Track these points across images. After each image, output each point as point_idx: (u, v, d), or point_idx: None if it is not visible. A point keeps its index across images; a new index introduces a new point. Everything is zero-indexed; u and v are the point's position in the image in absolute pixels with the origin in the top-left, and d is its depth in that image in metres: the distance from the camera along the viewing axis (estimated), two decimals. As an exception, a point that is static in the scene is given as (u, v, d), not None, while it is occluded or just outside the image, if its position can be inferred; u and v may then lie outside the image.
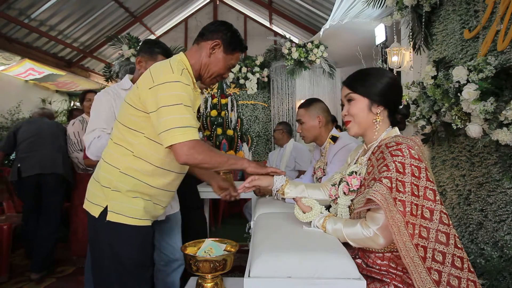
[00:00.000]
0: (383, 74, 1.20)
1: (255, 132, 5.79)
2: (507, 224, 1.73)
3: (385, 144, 1.12)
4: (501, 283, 1.58)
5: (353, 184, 1.16)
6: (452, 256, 0.99)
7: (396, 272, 1.07)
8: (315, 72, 5.20)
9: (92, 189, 1.30)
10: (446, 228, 1.01)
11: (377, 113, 1.18)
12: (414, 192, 1.01)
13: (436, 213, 1.01)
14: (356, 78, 1.23)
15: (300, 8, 5.83)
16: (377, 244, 1.06)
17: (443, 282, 0.97)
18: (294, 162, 3.41)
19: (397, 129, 1.20)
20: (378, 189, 1.01)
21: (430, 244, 0.99)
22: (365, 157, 1.19)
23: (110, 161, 1.27)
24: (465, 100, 1.67)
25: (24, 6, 4.62)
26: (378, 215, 1.05)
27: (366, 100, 1.18)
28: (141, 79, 1.25)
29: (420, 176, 1.02)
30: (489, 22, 1.82)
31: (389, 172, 1.03)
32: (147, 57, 1.71)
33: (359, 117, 1.20)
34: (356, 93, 1.20)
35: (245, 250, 1.59)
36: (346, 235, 1.10)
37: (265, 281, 0.94)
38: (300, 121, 1.91)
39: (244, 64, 5.53)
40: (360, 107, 1.19)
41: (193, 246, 1.35)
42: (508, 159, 1.71)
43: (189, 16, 6.73)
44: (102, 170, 1.28)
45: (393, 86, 1.19)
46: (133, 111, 1.24)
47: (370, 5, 3.12)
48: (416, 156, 1.04)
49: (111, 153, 1.29)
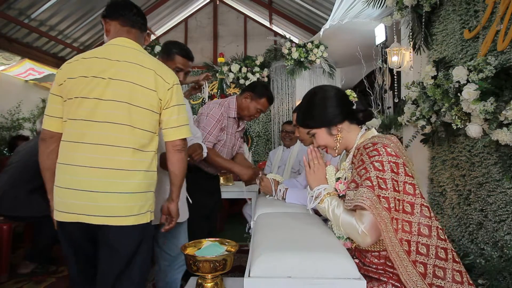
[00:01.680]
0: (324, 97, 1.24)
1: (255, 132, 5.79)
2: (507, 224, 1.73)
3: (363, 146, 1.16)
4: (501, 283, 1.58)
5: (341, 189, 1.20)
6: (436, 247, 1.01)
7: (393, 270, 1.07)
8: (315, 72, 5.19)
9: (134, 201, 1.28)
10: (428, 221, 1.03)
11: (338, 131, 1.23)
12: (395, 187, 1.03)
13: (416, 206, 1.04)
14: (304, 116, 1.28)
15: (300, 8, 5.83)
16: (364, 242, 1.07)
17: (429, 274, 0.99)
18: (299, 165, 3.38)
19: (374, 130, 1.25)
20: (362, 193, 1.03)
21: (413, 238, 1.01)
22: (347, 162, 1.23)
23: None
24: (465, 100, 1.67)
25: (24, 6, 4.62)
26: (364, 212, 1.06)
27: (324, 129, 1.24)
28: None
29: (399, 172, 1.05)
30: (489, 22, 1.82)
31: (368, 173, 1.06)
32: (165, 58, 1.76)
33: (329, 144, 1.26)
34: (313, 128, 1.26)
35: (245, 250, 1.60)
36: (341, 219, 1.11)
37: (265, 281, 0.94)
38: (296, 125, 1.91)
39: (244, 64, 5.53)
40: (323, 137, 1.25)
41: (193, 246, 1.35)
42: (508, 159, 1.71)
43: (189, 16, 6.72)
44: (138, 177, 1.28)
45: (338, 101, 1.23)
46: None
47: (370, 5, 3.12)
48: (392, 153, 1.07)
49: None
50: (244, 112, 2.17)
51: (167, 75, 1.33)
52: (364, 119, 1.27)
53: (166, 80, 1.31)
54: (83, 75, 1.26)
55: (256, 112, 2.17)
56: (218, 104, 2.15)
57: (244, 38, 6.54)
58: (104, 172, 1.22)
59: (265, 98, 2.15)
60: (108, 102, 1.24)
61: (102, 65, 1.27)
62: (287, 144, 3.54)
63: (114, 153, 1.23)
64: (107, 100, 1.24)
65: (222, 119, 2.11)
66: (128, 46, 1.34)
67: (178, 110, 1.35)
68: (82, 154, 1.23)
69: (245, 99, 2.16)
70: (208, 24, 6.64)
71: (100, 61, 1.27)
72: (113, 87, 1.25)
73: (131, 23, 1.39)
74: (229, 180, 3.12)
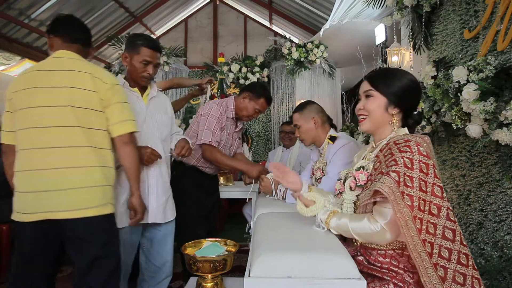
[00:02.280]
0: (406, 76, 1.19)
1: (255, 132, 5.79)
2: (507, 224, 1.73)
3: (393, 141, 1.12)
4: (501, 283, 1.58)
5: (361, 179, 1.16)
6: (458, 253, 1.00)
7: (397, 270, 1.07)
8: (315, 72, 5.19)
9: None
10: (453, 225, 1.01)
11: (393, 114, 1.18)
12: (422, 187, 1.01)
13: (443, 209, 1.02)
14: (379, 76, 1.22)
15: (300, 8, 5.82)
16: (383, 239, 1.06)
17: (449, 278, 0.97)
18: (299, 166, 3.37)
19: (406, 129, 1.20)
20: (385, 181, 1.02)
21: (436, 240, 0.99)
22: (373, 154, 1.19)
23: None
24: (465, 100, 1.67)
25: (24, 6, 4.61)
26: (385, 209, 1.04)
27: (385, 99, 1.18)
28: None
29: (428, 173, 1.03)
30: (489, 22, 1.82)
31: (397, 166, 1.03)
32: (132, 51, 1.69)
33: (374, 114, 1.19)
34: (376, 90, 1.19)
35: (245, 250, 1.59)
36: (352, 229, 1.09)
37: (265, 281, 0.94)
38: (296, 125, 1.91)
39: (244, 64, 5.52)
40: (378, 104, 1.18)
41: (193, 246, 1.35)
42: (508, 159, 1.71)
43: (189, 16, 6.72)
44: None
45: (414, 90, 1.19)
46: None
47: (370, 5, 3.12)
48: (424, 153, 1.05)
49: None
50: (242, 112, 2.16)
51: (105, 77, 1.44)
52: (410, 127, 1.23)
53: (104, 81, 1.42)
54: (26, 87, 1.37)
55: (255, 113, 2.17)
56: (217, 104, 2.15)
57: (244, 38, 6.54)
58: (62, 171, 1.33)
59: (263, 99, 2.15)
60: (52, 108, 1.35)
61: (42, 76, 1.39)
62: (287, 144, 3.53)
63: (69, 153, 1.34)
64: (51, 106, 1.35)
65: (222, 119, 2.11)
66: (66, 57, 1.46)
67: (121, 107, 1.46)
68: (38, 159, 1.33)
69: (243, 100, 2.15)
70: (208, 24, 6.64)
71: (41, 73, 1.40)
72: (54, 94, 1.36)
73: (73, 39, 1.50)
74: (229, 180, 3.11)
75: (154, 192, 1.70)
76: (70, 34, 1.49)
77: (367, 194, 1.10)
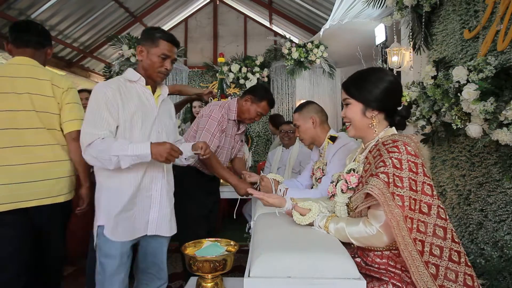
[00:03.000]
0: (381, 79, 1.19)
1: (255, 132, 5.79)
2: (507, 224, 1.73)
3: (382, 142, 1.13)
4: (501, 283, 1.58)
5: (352, 181, 1.18)
6: (450, 250, 1.00)
7: (395, 270, 1.07)
8: (315, 72, 5.19)
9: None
10: (444, 223, 1.02)
11: (372, 117, 1.19)
12: (412, 187, 1.02)
13: (433, 207, 1.02)
14: (352, 82, 1.24)
15: (300, 8, 5.82)
16: (381, 242, 1.07)
17: (440, 276, 0.98)
18: (299, 166, 3.37)
19: (394, 129, 1.22)
20: (375, 183, 1.02)
21: (427, 239, 1.00)
22: (363, 155, 1.21)
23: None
24: (465, 100, 1.67)
25: (24, 6, 4.61)
26: (379, 212, 1.05)
27: (361, 105, 1.20)
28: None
29: (418, 172, 1.04)
30: (489, 22, 1.82)
31: (386, 167, 1.04)
32: (149, 45, 1.54)
33: (354, 121, 1.22)
34: (352, 97, 1.22)
35: (245, 250, 1.59)
36: (349, 233, 1.10)
37: (265, 281, 0.94)
38: (296, 125, 1.92)
39: (244, 64, 5.52)
40: (355, 111, 1.21)
41: (193, 246, 1.35)
42: (508, 159, 1.71)
43: (189, 16, 6.72)
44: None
45: (391, 91, 1.19)
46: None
47: (370, 5, 3.12)
48: (412, 152, 1.06)
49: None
50: (244, 115, 2.16)
51: (61, 82, 1.66)
52: (398, 124, 1.24)
53: (59, 86, 1.64)
54: None
55: (257, 115, 2.16)
56: (219, 106, 2.13)
57: (244, 38, 6.54)
58: (35, 166, 1.57)
59: (266, 101, 2.14)
60: (21, 112, 1.56)
61: (6, 82, 1.56)
62: (286, 144, 3.53)
63: (40, 151, 1.59)
64: (19, 110, 1.55)
65: (223, 121, 2.10)
66: (24, 64, 1.62)
67: (71, 107, 1.67)
68: (14, 155, 1.54)
69: (245, 102, 2.15)
70: (208, 24, 6.64)
71: (4, 79, 1.56)
72: (19, 99, 1.55)
73: (25, 44, 1.66)
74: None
75: (157, 203, 1.58)
76: (20, 38, 1.65)
77: (359, 197, 1.11)
